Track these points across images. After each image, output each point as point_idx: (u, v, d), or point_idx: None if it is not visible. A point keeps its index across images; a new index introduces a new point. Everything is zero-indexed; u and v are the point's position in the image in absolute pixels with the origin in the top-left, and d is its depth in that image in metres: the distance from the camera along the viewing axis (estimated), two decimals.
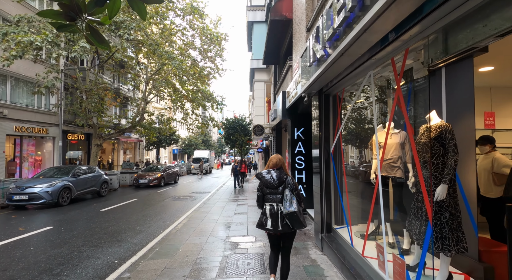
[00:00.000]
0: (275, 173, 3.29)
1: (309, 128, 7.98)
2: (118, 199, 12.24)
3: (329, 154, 5.05)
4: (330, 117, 5.09)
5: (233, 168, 14.55)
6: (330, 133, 5.06)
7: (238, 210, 9.07)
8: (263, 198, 3.32)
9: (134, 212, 9.36)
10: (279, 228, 3.13)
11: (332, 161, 4.99)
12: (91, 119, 16.47)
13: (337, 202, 5.01)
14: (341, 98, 4.69)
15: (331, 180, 5.04)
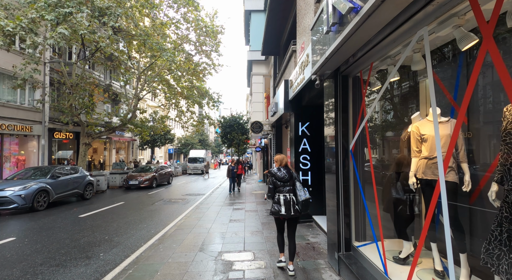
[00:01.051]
0: (284, 169, 4.01)
1: (316, 122, 6.87)
2: (103, 202, 11.04)
3: (347, 151, 3.94)
4: (349, 105, 3.97)
5: (229, 169, 12.78)
6: (350, 125, 3.94)
7: (234, 216, 7.92)
8: (275, 190, 3.96)
9: (117, 218, 8.19)
10: (291, 213, 3.84)
11: (352, 160, 3.87)
12: (78, 116, 15.25)
13: (359, 211, 3.89)
14: (366, 79, 3.58)
15: (351, 184, 3.92)
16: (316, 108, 6.88)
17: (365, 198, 3.65)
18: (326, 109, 4.38)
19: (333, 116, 4.12)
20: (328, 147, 4.33)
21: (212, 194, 12.94)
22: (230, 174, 12.82)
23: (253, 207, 9.40)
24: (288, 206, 3.84)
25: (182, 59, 17.38)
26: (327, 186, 4.34)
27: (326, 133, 4.43)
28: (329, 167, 4.29)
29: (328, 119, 4.34)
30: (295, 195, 3.93)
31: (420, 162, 3.08)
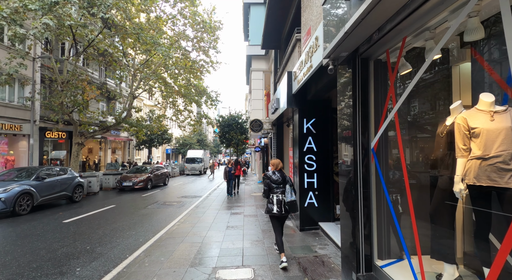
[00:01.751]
0: (278, 173, 4.42)
1: (323, 119, 6.15)
2: (93, 205, 10.28)
3: (367, 151, 3.22)
4: (369, 95, 3.26)
5: (226, 170, 11.45)
6: (371, 120, 3.23)
7: (231, 222, 7.19)
8: (269, 191, 4.38)
9: (104, 223, 7.44)
10: (282, 212, 4.29)
11: (375, 161, 3.15)
12: (70, 115, 14.48)
13: (383, 223, 3.17)
14: (396, 61, 2.86)
15: (372, 190, 3.21)
16: (323, 103, 6.17)
17: (393, 208, 2.93)
18: (341, 101, 3.66)
19: (349, 109, 3.40)
20: (343, 146, 3.61)
21: (209, 196, 12.20)
22: (227, 176, 11.61)
23: (252, 211, 8.67)
24: (280, 205, 4.29)
25: (178, 56, 16.67)
26: (342, 192, 3.62)
27: (340, 129, 3.70)
28: (344, 169, 3.57)
29: (343, 113, 3.62)
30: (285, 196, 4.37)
31: (470, 163, 2.36)
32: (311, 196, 6.00)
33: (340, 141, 3.68)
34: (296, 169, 6.32)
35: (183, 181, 20.64)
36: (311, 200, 6.02)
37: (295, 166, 6.47)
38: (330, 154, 6.16)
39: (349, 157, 3.42)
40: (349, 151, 3.42)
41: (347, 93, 3.45)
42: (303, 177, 6.06)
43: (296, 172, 6.33)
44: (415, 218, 2.60)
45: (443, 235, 2.66)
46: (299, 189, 6.08)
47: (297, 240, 5.50)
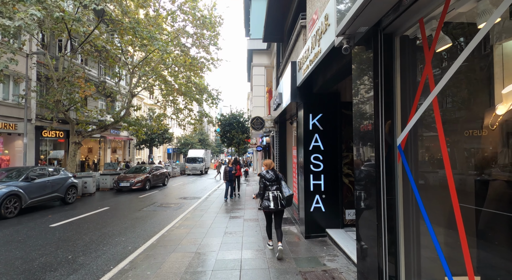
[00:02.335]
0: (271, 172, 4.77)
1: (330, 114, 5.51)
2: (86, 207, 9.71)
3: (391, 148, 2.59)
4: (395, 79, 2.62)
5: (226, 170, 10.46)
6: (397, 110, 2.59)
7: (230, 227, 6.57)
8: (265, 189, 4.70)
9: (93, 228, 6.86)
10: (278, 206, 4.56)
11: (402, 162, 2.52)
12: (66, 113, 13.96)
13: (412, 237, 2.53)
14: (435, 34, 2.23)
15: (399, 197, 2.57)
16: (331, 97, 5.53)
17: (427, 216, 2.29)
18: (357, 89, 3.03)
19: (368, 98, 2.77)
20: (361, 143, 2.97)
21: (208, 198, 11.60)
22: (227, 177, 10.59)
23: (253, 214, 8.04)
24: (276, 201, 4.55)
25: (178, 53, 16.10)
26: (358, 199, 2.99)
27: (356, 123, 3.07)
28: (362, 171, 2.93)
29: (360, 103, 2.99)
30: (281, 192, 4.67)
31: None
32: (317, 200, 5.37)
33: (357, 137, 3.04)
34: (301, 170, 5.69)
35: (184, 181, 20.07)
36: (318, 204, 5.38)
37: (300, 166, 5.84)
38: (338, 153, 5.52)
39: (368, 156, 2.79)
40: (368, 149, 2.79)
41: (366, 79, 2.81)
42: (309, 178, 5.43)
43: (301, 173, 5.70)
44: (464, 232, 1.96)
45: (499, 255, 2.02)
46: (304, 191, 5.45)
47: (302, 250, 4.87)
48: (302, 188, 5.58)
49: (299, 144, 5.82)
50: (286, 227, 6.50)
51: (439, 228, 2.22)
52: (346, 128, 5.60)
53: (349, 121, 5.62)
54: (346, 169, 5.59)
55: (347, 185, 5.60)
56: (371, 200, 2.69)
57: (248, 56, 13.88)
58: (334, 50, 3.48)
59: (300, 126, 5.73)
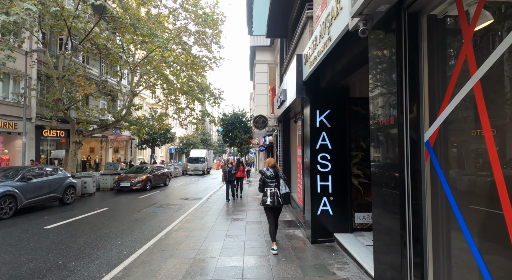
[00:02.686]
0: (272, 169, 4.83)
1: (339, 111, 5.14)
2: (84, 208, 9.41)
3: (417, 145, 2.22)
4: (422, 64, 2.25)
5: (225, 171, 9.91)
6: (424, 101, 2.22)
7: (231, 231, 6.21)
8: (264, 185, 4.82)
9: (89, 230, 6.54)
10: (275, 203, 4.66)
11: (431, 161, 2.15)
12: (66, 112, 13.71)
13: (442, 249, 2.15)
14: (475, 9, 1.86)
15: (426, 201, 2.20)
16: (339, 92, 5.16)
17: (466, 224, 1.92)
18: (375, 78, 2.66)
19: (389, 87, 2.40)
20: (379, 139, 2.60)
21: (210, 199, 11.26)
22: (226, 177, 10.05)
23: (255, 216, 7.68)
24: (273, 198, 4.65)
25: (180, 51, 15.81)
26: (376, 204, 2.61)
27: (374, 118, 2.69)
28: (381, 173, 2.56)
29: (379, 94, 2.62)
30: (279, 189, 4.75)
31: None
32: (325, 202, 5.00)
33: (375, 133, 2.67)
34: (307, 170, 5.32)
35: (185, 181, 19.76)
36: (325, 207, 5.01)
37: (306, 167, 5.47)
38: (347, 152, 5.15)
39: (389, 155, 2.42)
40: (389, 147, 2.42)
41: (386, 66, 2.45)
42: (315, 179, 5.06)
43: (307, 174, 5.33)
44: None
45: None
46: (310, 193, 5.08)
47: (309, 257, 4.50)
48: (308, 189, 5.22)
49: (305, 142, 5.46)
50: (290, 230, 6.13)
51: (484, 243, 1.84)
52: (356, 126, 5.23)
53: (358, 118, 5.25)
54: (355, 169, 5.22)
55: (356, 187, 5.22)
56: (392, 205, 2.32)
57: (250, 53, 13.51)
58: (347, 37, 3.12)
59: (306, 123, 5.36)
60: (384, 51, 2.47)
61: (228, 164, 10.15)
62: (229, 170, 9.93)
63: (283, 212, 7.93)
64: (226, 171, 9.92)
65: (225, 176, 10.07)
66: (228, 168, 9.98)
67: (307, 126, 5.25)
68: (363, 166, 5.25)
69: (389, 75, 2.39)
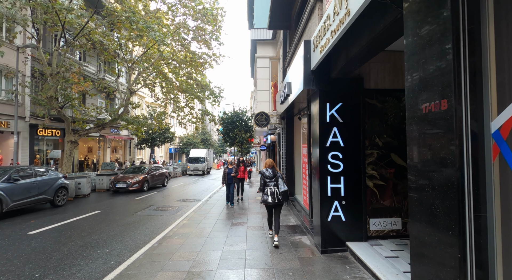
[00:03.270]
0: (270, 170, 5.16)
1: (352, 104, 4.56)
2: (76, 211, 8.84)
3: (480, 139, 1.62)
4: (486, 32, 1.65)
5: (225, 173, 9.08)
6: (490, 82, 1.63)
7: (231, 237, 5.62)
8: (264, 185, 5.11)
9: (77, 236, 5.96)
10: (275, 201, 4.94)
11: (507, 159, 1.55)
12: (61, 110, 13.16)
13: None
14: None
15: (495, 215, 1.60)
16: (353, 83, 4.58)
17: None
18: (413, 47, 2.06)
19: (439, 61, 1.80)
20: (420, 130, 2.01)
21: (209, 200, 10.68)
22: (225, 179, 9.16)
23: (258, 221, 7.09)
24: (273, 196, 4.95)
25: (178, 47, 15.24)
26: (419, 217, 2.01)
27: (411, 101, 2.10)
28: (425, 174, 1.96)
29: (420, 68, 2.02)
30: (278, 188, 5.03)
31: None
32: (336, 207, 4.41)
33: (413, 121, 2.08)
34: (315, 171, 4.73)
35: (185, 181, 19.18)
36: (337, 212, 4.42)
37: (314, 167, 4.88)
38: (361, 151, 4.56)
39: (437, 151, 1.83)
40: (437, 140, 1.83)
41: (433, 34, 1.85)
42: (325, 181, 4.46)
43: (315, 175, 4.74)
44: None
45: None
46: (319, 197, 4.49)
47: (319, 270, 3.91)
48: (317, 192, 4.63)
49: (313, 140, 4.87)
50: (296, 237, 5.54)
51: None
52: (371, 121, 4.64)
53: (374, 112, 4.66)
54: (370, 170, 4.62)
55: (371, 189, 4.63)
56: (445, 218, 1.73)
57: (251, 47, 12.89)
58: (370, 9, 2.53)
59: (314, 119, 4.77)
60: (428, 11, 1.88)
61: (228, 165, 9.29)
62: (228, 171, 9.03)
63: (286, 216, 7.36)
64: (226, 173, 9.09)
65: (225, 178, 9.21)
66: (228, 169, 9.08)
67: (316, 121, 4.66)
68: (378, 166, 4.65)
69: (439, 46, 1.79)
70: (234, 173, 9.05)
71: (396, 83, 4.70)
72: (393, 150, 4.69)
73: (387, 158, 4.68)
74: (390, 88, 4.69)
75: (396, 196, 4.69)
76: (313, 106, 4.86)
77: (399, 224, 4.69)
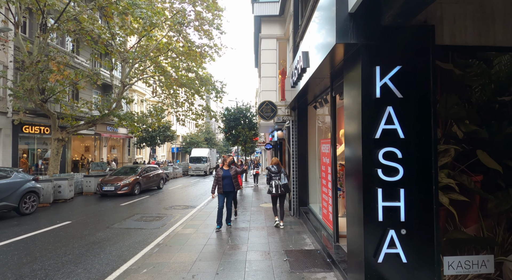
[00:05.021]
0: (276, 166, 6.00)
1: (416, 68, 2.72)
2: (42, 221, 7.18)
3: None
4: None
5: (217, 177, 5.97)
6: None
7: (226, 267, 3.83)
8: (270, 179, 5.97)
9: (13, 265, 4.26)
10: (278, 192, 5.87)
11: None
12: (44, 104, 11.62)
13: None
14: None
15: None
16: (416, 34, 2.74)
17: None
18: None
19: None
20: None
21: (205, 208, 8.92)
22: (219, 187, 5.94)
23: (262, 243, 5.27)
24: (276, 188, 5.86)
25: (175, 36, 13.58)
26: None
27: None
28: None
29: None
30: (280, 181, 5.91)
31: None
32: (392, 240, 2.59)
33: None
34: (352, 179, 2.92)
35: (184, 183, 17.49)
36: (393, 249, 2.60)
37: (349, 173, 3.06)
38: (431, 147, 2.73)
39: None
40: None
41: None
42: (373, 196, 2.64)
43: (352, 185, 2.93)
44: None
45: None
46: (363, 221, 2.68)
47: None
48: (356, 213, 2.82)
49: (349, 129, 3.05)
50: (318, 274, 3.72)
51: None
52: (445, 98, 2.80)
53: (450, 83, 2.82)
54: (444, 177, 2.79)
55: (446, 208, 2.80)
56: None
57: (255, 26, 11.01)
58: None
59: (352, 95, 2.96)
60: None
61: (224, 165, 6.08)
62: (223, 175, 5.91)
63: (299, 234, 5.57)
64: (220, 177, 5.92)
65: (217, 185, 6.00)
66: (223, 172, 5.96)
67: (355, 100, 2.85)
68: (457, 171, 2.82)
69: None
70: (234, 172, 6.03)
71: (484, 36, 2.86)
72: (480, 145, 2.85)
73: (470, 157, 2.83)
74: (475, 45, 2.85)
75: (486, 220, 2.85)
76: (351, 75, 3.03)
77: (490, 265, 2.84)
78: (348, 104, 3.08)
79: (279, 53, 8.94)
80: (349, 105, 3.04)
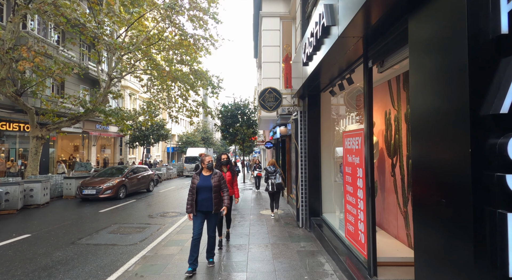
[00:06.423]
0: (272, 166, 6.84)
1: None
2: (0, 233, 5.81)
3: None
4: None
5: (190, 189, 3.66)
6: None
7: None
8: (268, 178, 6.80)
9: None
10: (274, 189, 6.73)
11: None
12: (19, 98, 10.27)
13: None
14: None
15: None
16: None
17: None
18: None
19: None
20: None
21: None
22: (193, 204, 3.64)
23: (266, 263, 3.96)
24: (272, 186, 6.69)
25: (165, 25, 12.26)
26: None
27: None
28: None
29: None
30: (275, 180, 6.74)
31: None
32: None
33: None
34: (430, 193, 1.61)
35: (177, 184, 16.11)
36: None
37: (427, 185, 1.75)
38: None
39: None
40: None
41: None
42: (494, 226, 1.35)
43: (431, 205, 1.62)
44: None
45: None
46: (469, 272, 1.36)
47: None
48: (444, 257, 1.51)
49: (429, 98, 1.75)
50: None
51: None
52: None
53: None
54: None
55: None
56: None
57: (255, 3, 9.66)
58: None
59: (434, 28, 1.65)
60: None
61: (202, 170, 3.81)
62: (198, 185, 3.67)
63: (314, 255, 4.25)
64: (194, 188, 3.67)
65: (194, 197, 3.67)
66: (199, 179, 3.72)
67: (446, 40, 1.54)
68: None
69: None
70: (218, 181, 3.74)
71: None
72: None
73: None
74: None
75: None
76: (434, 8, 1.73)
77: None
78: (425, 56, 1.77)
79: (283, 35, 7.62)
80: (428, 58, 1.74)
